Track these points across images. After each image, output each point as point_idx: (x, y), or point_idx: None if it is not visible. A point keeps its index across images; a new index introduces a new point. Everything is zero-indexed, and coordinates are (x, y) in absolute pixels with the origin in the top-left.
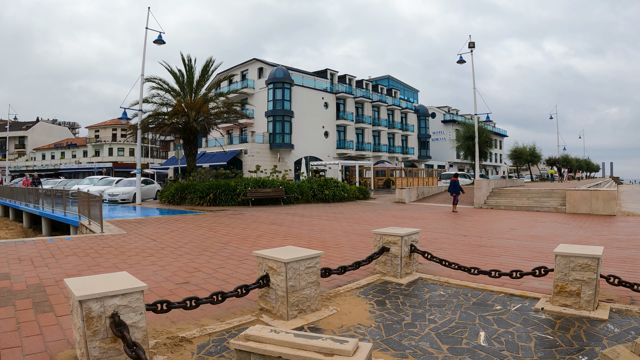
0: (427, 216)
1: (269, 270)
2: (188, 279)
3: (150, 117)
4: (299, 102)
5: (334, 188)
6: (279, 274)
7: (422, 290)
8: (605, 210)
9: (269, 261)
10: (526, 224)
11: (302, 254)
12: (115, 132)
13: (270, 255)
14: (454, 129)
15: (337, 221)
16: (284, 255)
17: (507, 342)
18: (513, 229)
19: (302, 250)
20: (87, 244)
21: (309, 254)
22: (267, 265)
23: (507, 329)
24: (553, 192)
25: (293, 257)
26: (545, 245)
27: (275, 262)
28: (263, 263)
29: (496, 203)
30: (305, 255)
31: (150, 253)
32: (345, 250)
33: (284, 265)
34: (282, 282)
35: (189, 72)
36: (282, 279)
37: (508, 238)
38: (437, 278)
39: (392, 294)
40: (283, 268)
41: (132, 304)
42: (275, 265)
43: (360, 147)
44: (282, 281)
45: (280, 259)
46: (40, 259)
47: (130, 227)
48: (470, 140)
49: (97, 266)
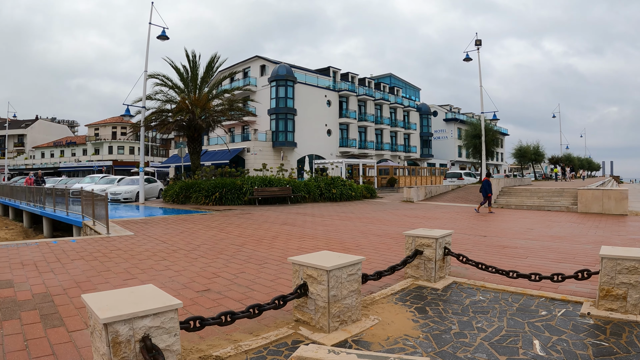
0: (440, 215)
1: (308, 279)
2: (208, 285)
3: (153, 114)
4: (301, 99)
5: (341, 187)
6: (319, 283)
7: (460, 295)
8: (617, 210)
9: (308, 269)
10: (542, 224)
11: (344, 261)
12: (115, 130)
13: (309, 262)
14: (456, 127)
15: (350, 221)
16: (324, 261)
17: (565, 350)
18: (530, 229)
19: (342, 256)
20: (93, 247)
21: (351, 259)
22: (305, 273)
23: (560, 337)
24: (564, 191)
25: (336, 264)
26: (569, 246)
27: (316, 269)
28: (300, 270)
29: (507, 202)
30: (347, 261)
31: (162, 257)
32: (368, 252)
33: (326, 273)
34: (324, 292)
35: (193, 68)
36: (324, 288)
37: (529, 238)
38: (473, 282)
39: (430, 300)
40: (325, 276)
41: (166, 324)
42: (315, 273)
43: (363, 146)
44: (323, 290)
45: (322, 267)
46: (44, 263)
47: (137, 227)
48: (477, 139)
49: (107, 271)
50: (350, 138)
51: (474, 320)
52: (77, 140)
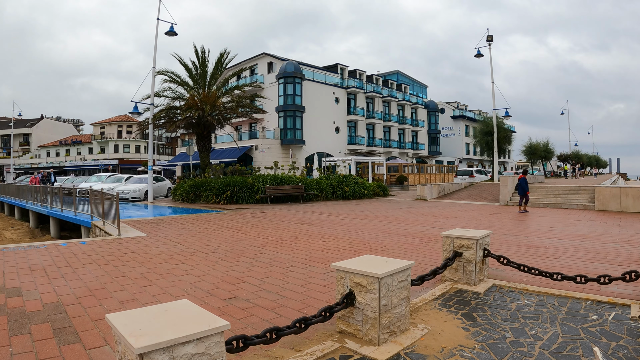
0: (458, 214)
1: (355, 287)
2: (234, 292)
3: (162, 111)
4: (309, 97)
5: (353, 185)
6: (369, 292)
7: (504, 299)
8: (635, 208)
9: (356, 276)
10: (563, 222)
11: (394, 266)
12: (121, 129)
13: (356, 268)
14: (464, 124)
15: (369, 220)
16: (373, 267)
17: (628, 357)
18: (552, 228)
19: (389, 262)
20: (105, 249)
21: (401, 265)
22: (351, 280)
23: (618, 342)
24: (580, 189)
25: (387, 271)
26: (597, 245)
27: (365, 277)
28: (346, 278)
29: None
30: (398, 267)
31: (180, 260)
32: (395, 253)
33: (377, 281)
34: (374, 301)
35: (202, 64)
36: (374, 297)
37: (554, 237)
38: (514, 285)
39: (475, 306)
40: (376, 284)
41: (211, 349)
42: (364, 281)
43: (371, 143)
44: (373, 300)
45: (373, 274)
46: (54, 268)
47: (149, 228)
48: (488, 136)
49: (123, 277)
50: (359, 135)
51: (527, 327)
52: (82, 139)
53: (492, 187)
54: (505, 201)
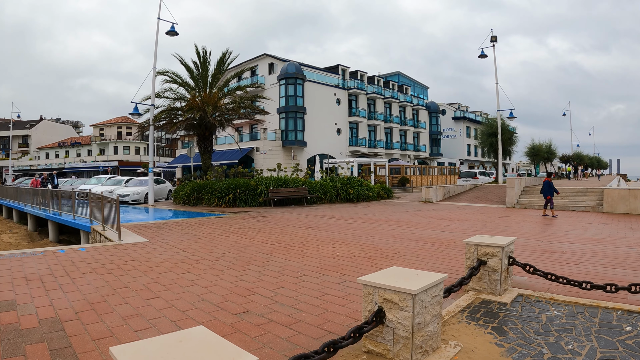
0: (466, 217)
1: (385, 304)
2: (246, 306)
3: (163, 112)
4: (311, 98)
5: (357, 187)
6: (401, 309)
7: (532, 310)
8: None
9: (386, 292)
10: (575, 226)
11: (427, 281)
12: (121, 130)
13: (386, 283)
14: (465, 126)
15: (377, 224)
16: (404, 282)
17: None
18: (565, 231)
19: (420, 275)
20: (105, 257)
21: (434, 279)
22: (382, 296)
23: None
24: (588, 191)
25: (422, 286)
26: (614, 249)
27: (397, 293)
28: (374, 294)
29: (529, 202)
30: (431, 282)
31: (185, 269)
32: (410, 260)
33: (410, 297)
34: (407, 320)
35: (203, 64)
36: (407, 315)
37: (569, 241)
38: (540, 294)
39: (504, 318)
40: (409, 301)
41: None
42: (396, 297)
43: (373, 145)
44: (406, 318)
45: (407, 290)
46: (52, 278)
47: (150, 233)
48: (493, 137)
49: (125, 288)
50: (360, 137)
51: (562, 341)
52: (82, 141)
53: (497, 189)
54: (512, 203)
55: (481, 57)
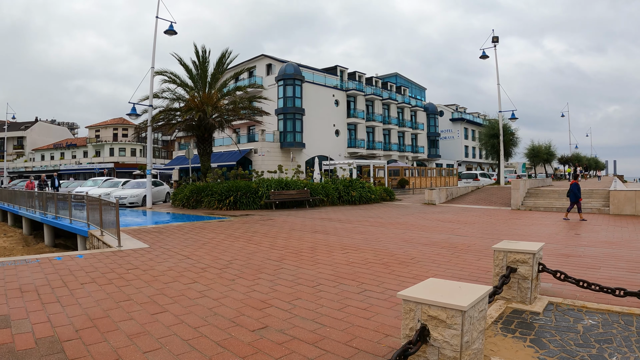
0: (473, 220)
1: (430, 321)
2: (263, 320)
3: (161, 112)
4: (309, 99)
5: (360, 189)
6: (448, 327)
7: (567, 320)
8: None
9: (431, 308)
10: (585, 228)
11: (475, 294)
12: (117, 132)
13: (431, 299)
14: (463, 127)
15: (385, 227)
16: (450, 297)
17: None
18: (577, 234)
19: (464, 287)
20: (105, 265)
21: (481, 292)
22: (426, 313)
23: None
24: (593, 193)
25: (471, 301)
26: (632, 253)
27: (444, 309)
28: (417, 310)
29: (534, 204)
30: (479, 295)
31: (192, 278)
32: (428, 266)
33: (460, 314)
34: (455, 338)
35: (202, 64)
36: (455, 333)
37: (584, 245)
38: (571, 302)
39: (540, 329)
40: (458, 318)
41: None
42: (444, 314)
43: (371, 146)
44: (454, 337)
45: (456, 305)
46: (48, 289)
47: (151, 238)
48: (494, 139)
49: (128, 301)
50: (359, 138)
51: (605, 353)
52: (77, 142)
53: (500, 191)
54: (517, 205)
55: (482, 58)
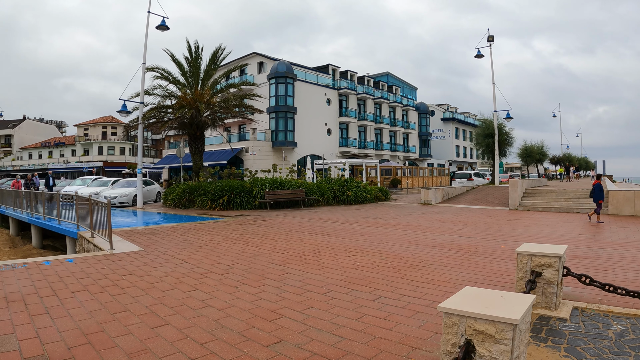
0: (473, 220)
1: (475, 336)
2: (276, 333)
3: (152, 109)
4: (301, 98)
5: (355, 189)
6: (497, 342)
7: (595, 326)
8: None
9: (477, 322)
10: (587, 229)
11: (523, 305)
12: (105, 130)
13: (477, 311)
14: (454, 127)
15: (385, 228)
16: (497, 308)
17: None
18: (581, 235)
19: (508, 297)
20: (97, 270)
21: (527, 302)
22: (471, 327)
23: None
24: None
25: (522, 313)
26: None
27: (494, 323)
28: (461, 324)
29: (532, 204)
30: (527, 306)
31: (192, 285)
32: (440, 270)
33: (511, 328)
34: (504, 354)
35: (195, 61)
36: (505, 349)
37: (592, 246)
38: (596, 307)
39: (571, 337)
40: (509, 332)
41: None
42: (492, 328)
43: (363, 145)
44: (503, 352)
45: (507, 319)
46: (37, 298)
47: (144, 241)
48: (490, 138)
49: (125, 312)
50: (350, 138)
51: None
52: (65, 141)
53: (496, 191)
54: (515, 205)
55: (478, 57)
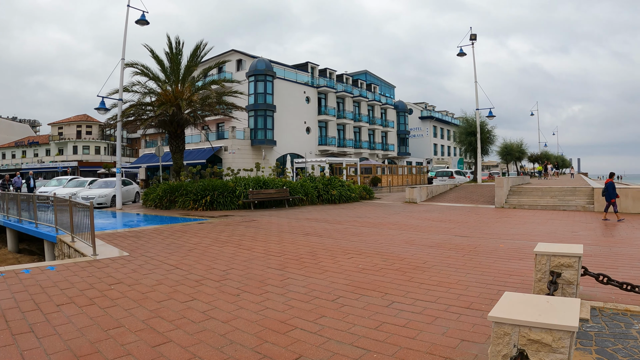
0: (463, 218)
1: (529, 346)
2: (294, 349)
3: (132, 107)
4: (280, 96)
5: (339, 188)
6: (554, 351)
7: (617, 325)
8: (635, 209)
9: (532, 330)
10: (580, 226)
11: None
12: (80, 129)
13: (532, 319)
14: (432, 125)
15: (377, 228)
16: (549, 315)
17: None
18: (574, 232)
19: (554, 302)
20: (82, 279)
21: (576, 306)
22: (525, 336)
23: None
24: (577, 190)
25: (577, 319)
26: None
27: (550, 331)
28: (514, 333)
29: (518, 202)
30: (577, 310)
31: (188, 294)
32: (446, 271)
33: (569, 335)
34: None
35: (176, 56)
36: (562, 357)
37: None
38: (613, 306)
39: (598, 338)
40: (566, 340)
41: None
42: (549, 336)
43: (342, 144)
44: None
45: (565, 326)
46: (18, 313)
47: (129, 244)
48: (472, 136)
49: (119, 328)
50: (329, 136)
51: None
52: (39, 140)
53: (479, 189)
54: (501, 203)
55: (460, 55)
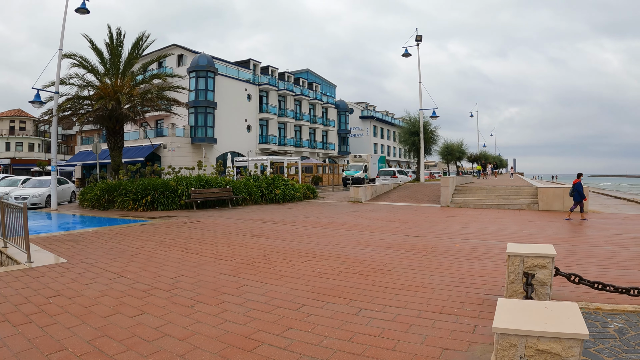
0: (411, 218)
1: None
2: None
3: (68, 100)
4: (222, 93)
5: (283, 187)
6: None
7: (594, 325)
8: (557, 206)
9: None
10: (529, 225)
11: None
12: (14, 125)
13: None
14: (372, 125)
15: (327, 228)
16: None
17: None
18: (525, 231)
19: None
20: (17, 291)
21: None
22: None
23: None
24: (521, 190)
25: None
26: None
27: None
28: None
29: (464, 201)
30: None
31: (137, 306)
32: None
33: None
34: None
35: (116, 48)
36: None
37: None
38: (585, 304)
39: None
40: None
41: None
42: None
43: (283, 142)
44: None
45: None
46: None
47: (67, 249)
48: (415, 136)
49: (63, 352)
50: (270, 134)
51: None
52: None
53: (423, 188)
54: (447, 202)
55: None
